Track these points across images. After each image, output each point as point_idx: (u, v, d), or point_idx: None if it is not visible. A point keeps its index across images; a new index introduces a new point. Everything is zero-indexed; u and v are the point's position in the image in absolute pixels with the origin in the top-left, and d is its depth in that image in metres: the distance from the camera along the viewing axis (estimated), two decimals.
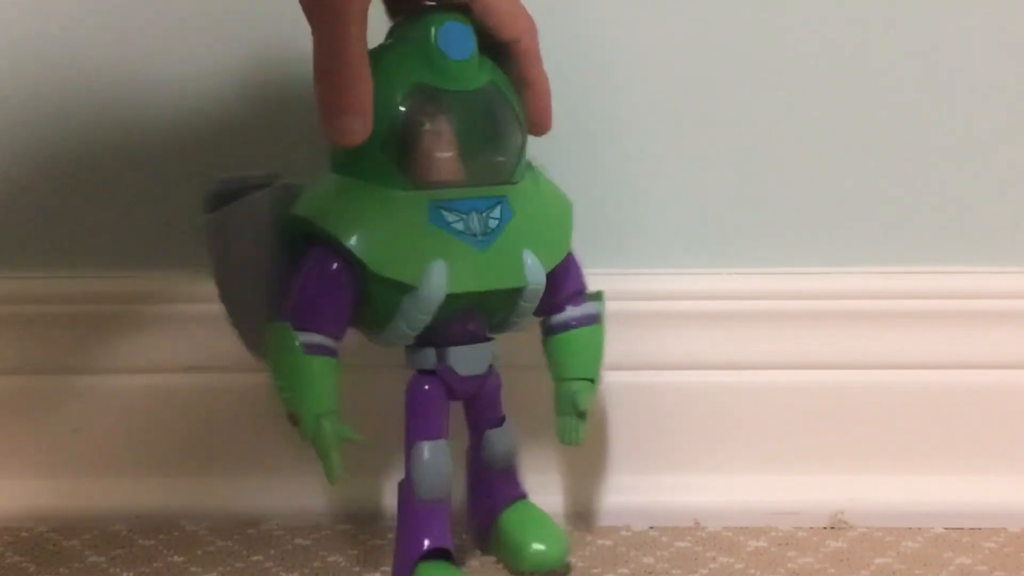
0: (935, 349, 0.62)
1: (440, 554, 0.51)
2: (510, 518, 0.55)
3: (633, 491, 0.61)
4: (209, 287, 0.61)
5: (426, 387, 0.52)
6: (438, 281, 0.48)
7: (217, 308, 0.62)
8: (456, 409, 0.54)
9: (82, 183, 0.62)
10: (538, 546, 0.53)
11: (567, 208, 0.54)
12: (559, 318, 0.54)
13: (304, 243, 0.50)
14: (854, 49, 0.60)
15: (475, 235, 0.49)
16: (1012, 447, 0.62)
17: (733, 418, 0.62)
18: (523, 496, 0.56)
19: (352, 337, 0.51)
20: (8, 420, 0.62)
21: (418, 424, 0.52)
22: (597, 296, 0.55)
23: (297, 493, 0.61)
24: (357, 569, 0.56)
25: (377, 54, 0.49)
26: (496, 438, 0.54)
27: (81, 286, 0.62)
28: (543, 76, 0.52)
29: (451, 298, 0.49)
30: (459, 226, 0.49)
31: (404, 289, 0.49)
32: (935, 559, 0.57)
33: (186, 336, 0.61)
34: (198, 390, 0.61)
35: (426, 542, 0.51)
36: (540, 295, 0.51)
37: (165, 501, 0.61)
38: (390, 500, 0.61)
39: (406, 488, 0.52)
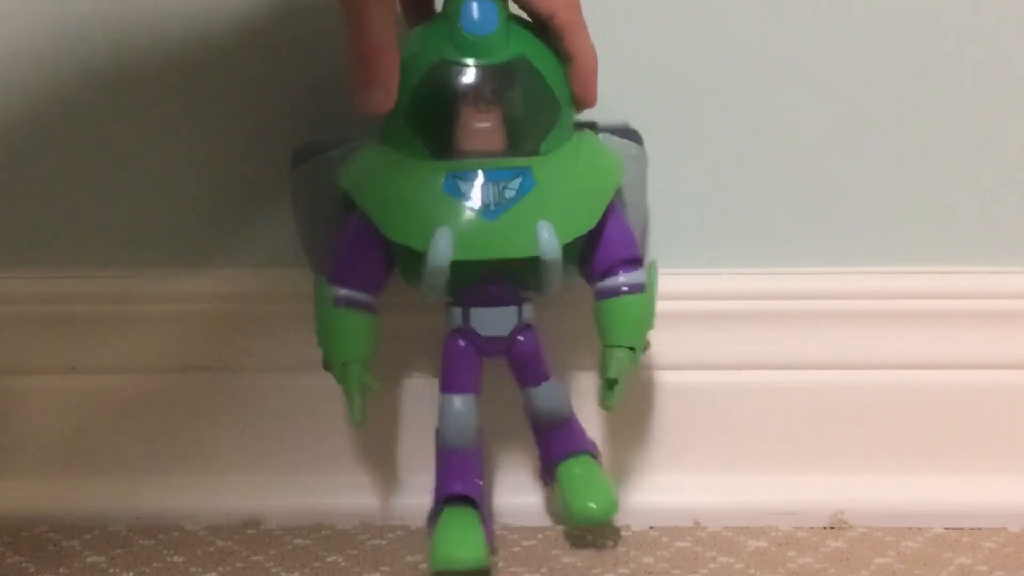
0: (935, 349, 0.62)
1: (465, 500, 0.55)
2: (564, 472, 0.57)
3: (633, 491, 0.61)
4: (209, 287, 0.62)
5: (457, 343, 0.55)
6: (444, 247, 0.50)
7: (217, 308, 0.62)
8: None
9: (84, 183, 0.62)
10: (585, 503, 0.56)
11: (609, 177, 0.54)
12: (604, 284, 0.55)
13: (351, 203, 0.54)
14: (854, 48, 0.60)
15: (487, 205, 0.51)
16: (1012, 447, 0.62)
17: (733, 418, 0.62)
18: (580, 451, 0.58)
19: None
20: (8, 420, 0.62)
21: (448, 377, 0.55)
22: (650, 266, 0.55)
23: (297, 493, 0.61)
24: (357, 569, 0.56)
25: (411, 31, 0.53)
26: (537, 395, 0.56)
27: (81, 286, 0.62)
28: (586, 50, 0.53)
29: (465, 264, 0.51)
30: (472, 196, 0.51)
31: (417, 254, 0.51)
32: (935, 559, 0.57)
33: (186, 336, 0.61)
34: (198, 390, 0.61)
35: (450, 487, 0.55)
36: (558, 266, 0.52)
37: (165, 501, 0.61)
38: (390, 500, 0.61)
39: (438, 436, 0.55)
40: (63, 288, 0.62)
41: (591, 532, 0.59)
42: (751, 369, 0.62)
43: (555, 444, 0.58)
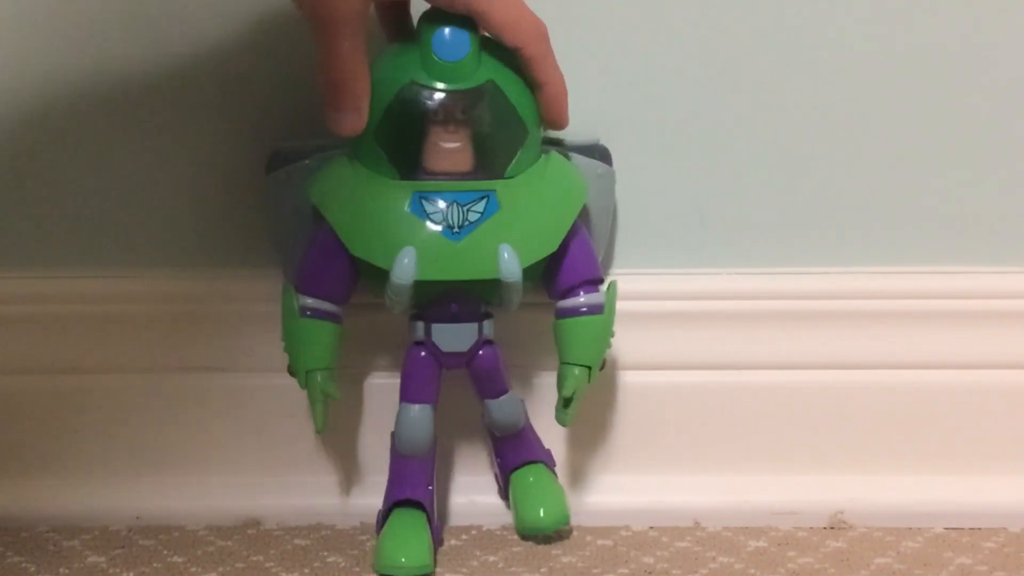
0: (935, 349, 0.62)
1: (414, 505, 0.56)
2: (517, 480, 0.59)
3: (633, 491, 0.61)
4: (209, 287, 0.62)
5: (418, 354, 0.56)
6: (407, 267, 0.52)
7: (217, 309, 0.62)
8: None
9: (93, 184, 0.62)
10: (535, 511, 0.58)
11: (573, 200, 0.56)
12: (564, 304, 0.56)
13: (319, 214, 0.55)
14: (854, 48, 0.60)
15: (451, 226, 0.52)
16: (1012, 447, 0.62)
17: (733, 418, 0.62)
18: (534, 460, 0.59)
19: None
20: (8, 420, 0.62)
21: (406, 387, 0.56)
22: (609, 287, 0.56)
23: (297, 493, 0.61)
24: (357, 569, 0.56)
25: (383, 53, 0.54)
26: (494, 408, 0.57)
27: (81, 286, 0.62)
28: (555, 77, 0.54)
29: (426, 283, 0.53)
30: (436, 216, 0.52)
31: (381, 271, 0.53)
32: (935, 559, 0.57)
33: (185, 336, 0.61)
34: (198, 390, 0.61)
35: (400, 491, 0.57)
36: (518, 288, 0.54)
37: (165, 501, 0.61)
38: None
39: (392, 442, 0.57)
40: (63, 288, 0.62)
41: (590, 534, 0.59)
42: (751, 369, 0.62)
43: (510, 454, 0.59)
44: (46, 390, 0.62)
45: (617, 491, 0.61)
